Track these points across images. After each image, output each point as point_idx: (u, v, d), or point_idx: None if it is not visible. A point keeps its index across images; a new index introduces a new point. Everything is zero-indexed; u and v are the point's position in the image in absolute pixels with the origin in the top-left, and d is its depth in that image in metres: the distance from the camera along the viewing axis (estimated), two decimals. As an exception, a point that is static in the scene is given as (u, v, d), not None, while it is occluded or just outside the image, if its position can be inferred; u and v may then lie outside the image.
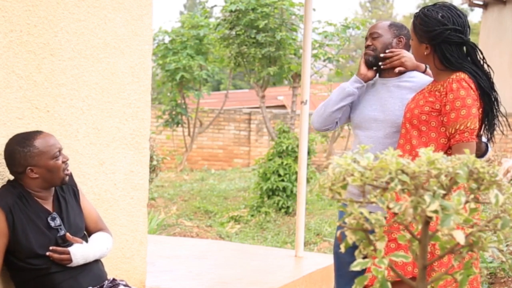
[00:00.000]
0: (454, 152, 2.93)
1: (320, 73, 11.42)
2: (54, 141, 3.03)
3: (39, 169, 2.98)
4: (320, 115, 3.43)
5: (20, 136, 3.02)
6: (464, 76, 2.95)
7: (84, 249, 3.07)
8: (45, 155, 2.98)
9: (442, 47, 2.99)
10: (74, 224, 3.12)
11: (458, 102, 2.92)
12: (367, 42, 3.41)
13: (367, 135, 3.33)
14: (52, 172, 3.00)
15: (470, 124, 2.92)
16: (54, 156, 2.99)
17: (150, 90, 3.98)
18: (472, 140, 2.94)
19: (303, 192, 5.36)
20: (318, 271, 4.89)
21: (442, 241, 1.56)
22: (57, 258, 3.00)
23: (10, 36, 3.10)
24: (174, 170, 13.90)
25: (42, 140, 2.99)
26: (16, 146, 2.99)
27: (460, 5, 18.11)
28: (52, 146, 3.00)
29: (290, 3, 10.62)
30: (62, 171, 3.02)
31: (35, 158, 2.97)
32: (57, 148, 3.01)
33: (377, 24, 3.43)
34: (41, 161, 2.97)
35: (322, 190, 1.59)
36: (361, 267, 1.57)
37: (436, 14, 3.01)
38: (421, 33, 3.02)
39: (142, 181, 3.94)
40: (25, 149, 2.97)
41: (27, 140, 2.99)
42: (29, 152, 2.97)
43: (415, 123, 3.04)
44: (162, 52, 13.01)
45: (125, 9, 3.77)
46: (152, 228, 7.12)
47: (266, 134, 14.74)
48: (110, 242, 3.25)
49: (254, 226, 8.67)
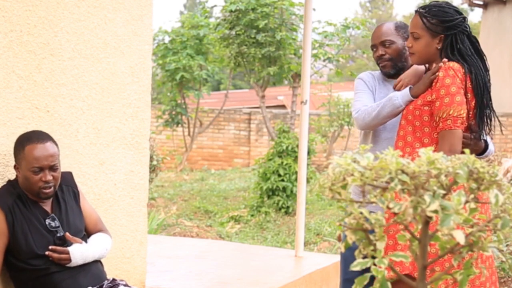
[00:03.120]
0: (439, 141, 2.92)
1: (320, 73, 11.42)
2: (43, 155, 2.97)
3: (20, 171, 3.02)
4: (367, 123, 3.21)
5: (27, 134, 3.06)
6: (453, 65, 2.94)
7: (83, 249, 3.07)
8: (26, 163, 2.98)
9: (458, 37, 2.98)
10: (73, 225, 3.12)
11: (443, 90, 2.91)
12: (378, 51, 3.31)
13: (388, 137, 3.25)
14: (27, 181, 3.00)
15: (452, 111, 2.90)
16: (32, 169, 2.97)
17: (150, 90, 3.98)
18: (456, 128, 2.91)
19: (303, 192, 5.36)
20: (318, 271, 4.89)
21: (442, 241, 1.56)
22: (56, 257, 3.00)
23: (10, 36, 3.10)
24: (174, 170, 13.90)
25: (32, 149, 2.97)
26: (18, 140, 3.06)
27: (460, 5, 18.12)
28: (35, 160, 2.96)
29: (290, 3, 10.61)
30: (38, 188, 3.00)
31: (20, 160, 3.01)
32: (39, 165, 2.96)
33: (383, 30, 3.32)
34: (21, 165, 3.01)
35: (322, 190, 1.59)
36: (361, 267, 1.57)
37: (448, 6, 3.02)
38: (437, 24, 2.97)
39: (142, 181, 3.94)
40: (19, 147, 3.02)
41: (26, 140, 3.01)
42: (18, 152, 3.02)
43: (410, 119, 3.04)
44: (162, 52, 13.01)
45: (125, 9, 3.77)
46: (152, 228, 7.11)
47: (266, 134, 14.73)
48: (109, 243, 3.25)
49: (254, 226, 8.67)
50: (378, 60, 3.35)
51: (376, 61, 3.39)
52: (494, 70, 3.12)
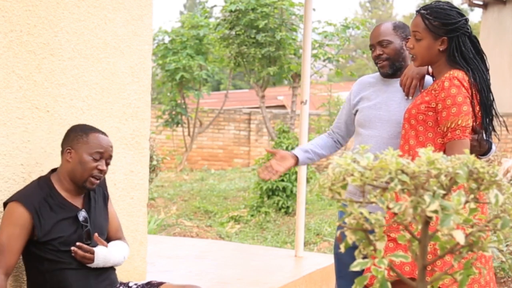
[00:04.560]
0: (447, 151, 2.91)
1: (320, 73, 11.42)
2: (104, 144, 3.05)
3: (75, 155, 3.03)
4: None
5: (88, 125, 3.14)
6: (457, 74, 2.94)
7: (107, 252, 3.08)
8: (87, 147, 3.02)
9: (460, 39, 2.97)
10: (99, 225, 3.14)
11: (449, 100, 2.91)
12: (376, 51, 3.31)
13: (371, 135, 3.30)
14: (81, 166, 3.01)
15: (461, 121, 2.91)
16: (92, 153, 3.02)
17: (150, 90, 3.98)
18: (465, 138, 2.92)
19: (303, 192, 5.36)
20: (318, 271, 4.89)
21: (442, 241, 1.56)
22: (81, 255, 3.00)
23: (10, 36, 3.10)
24: (174, 170, 13.90)
25: (96, 136, 3.05)
26: (76, 126, 3.11)
27: (460, 5, 18.11)
28: (97, 145, 3.03)
29: (290, 3, 10.62)
30: (90, 175, 3.03)
31: (79, 144, 3.03)
32: (102, 150, 3.03)
33: (381, 30, 3.32)
34: (80, 149, 3.02)
35: (322, 190, 1.59)
36: (361, 267, 1.57)
37: (451, 7, 3.00)
38: (439, 26, 2.96)
39: (142, 181, 3.94)
40: (79, 132, 3.07)
41: (88, 129, 3.09)
42: (79, 136, 3.05)
43: (413, 123, 3.04)
44: (162, 52, 13.01)
45: (125, 9, 3.77)
46: (152, 228, 7.12)
47: (266, 134, 14.73)
48: (127, 252, 3.27)
49: (254, 226, 8.67)
50: (376, 60, 3.35)
51: (374, 60, 3.40)
52: (494, 70, 3.12)
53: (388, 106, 3.29)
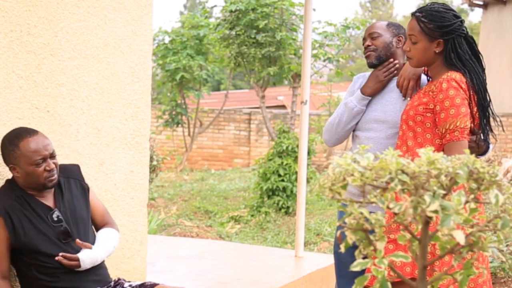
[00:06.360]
0: (445, 152, 2.91)
1: (320, 73, 11.41)
2: (41, 146, 2.94)
3: (20, 169, 2.96)
4: (332, 135, 3.43)
5: (14, 132, 2.99)
6: (455, 76, 2.94)
7: (93, 254, 3.06)
8: (25, 159, 2.93)
9: (456, 41, 2.98)
10: (79, 216, 3.11)
11: (447, 101, 2.92)
12: (366, 42, 3.39)
13: (367, 136, 3.32)
14: (31, 176, 2.96)
15: (459, 123, 2.92)
16: (34, 163, 2.93)
17: (150, 90, 3.98)
18: (463, 139, 2.93)
19: (303, 192, 5.36)
20: (318, 271, 4.89)
21: (442, 241, 1.56)
22: (66, 264, 3.00)
23: (10, 36, 3.11)
24: (174, 170, 13.90)
25: (28, 143, 2.92)
26: (5, 141, 2.98)
27: (460, 5, 18.12)
28: (35, 153, 2.92)
29: (290, 3, 10.61)
30: (43, 179, 2.96)
31: (17, 158, 2.94)
32: (41, 155, 2.93)
33: (375, 24, 3.41)
34: (21, 163, 2.94)
35: (322, 190, 1.59)
36: (361, 267, 1.57)
37: (446, 9, 3.01)
38: (434, 29, 2.97)
39: (142, 181, 3.94)
40: (10, 148, 2.95)
41: (16, 138, 2.95)
42: (13, 151, 2.95)
43: (410, 125, 3.04)
44: (162, 52, 13.01)
45: (125, 9, 3.77)
46: (152, 228, 7.12)
47: (266, 134, 14.73)
48: (116, 239, 3.25)
49: (254, 226, 8.67)
50: (364, 50, 3.44)
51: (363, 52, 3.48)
52: (494, 70, 3.13)
53: (384, 106, 3.31)
